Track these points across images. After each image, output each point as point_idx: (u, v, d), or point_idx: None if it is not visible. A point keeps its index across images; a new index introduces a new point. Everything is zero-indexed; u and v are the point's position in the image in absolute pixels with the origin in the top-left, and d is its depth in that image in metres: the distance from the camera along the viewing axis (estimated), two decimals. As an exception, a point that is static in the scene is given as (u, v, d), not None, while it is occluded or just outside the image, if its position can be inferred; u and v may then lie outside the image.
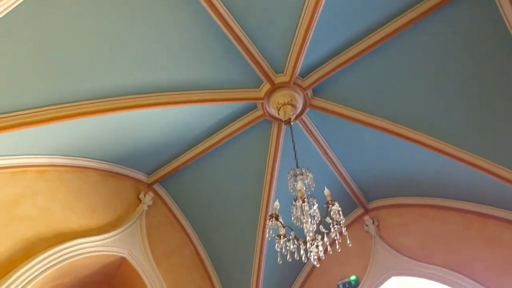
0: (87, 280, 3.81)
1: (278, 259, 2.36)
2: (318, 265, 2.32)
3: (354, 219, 4.95)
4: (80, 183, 3.77)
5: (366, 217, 4.84)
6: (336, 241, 2.35)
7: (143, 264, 3.81)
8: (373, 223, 4.74)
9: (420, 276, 4.07)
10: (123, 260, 3.73)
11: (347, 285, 4.48)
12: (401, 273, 4.19)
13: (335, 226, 2.33)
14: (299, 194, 2.39)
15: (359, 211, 4.96)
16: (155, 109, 3.44)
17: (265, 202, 4.20)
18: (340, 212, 2.35)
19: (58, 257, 3.16)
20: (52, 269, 3.07)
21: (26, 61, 2.71)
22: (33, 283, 2.91)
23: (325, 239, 2.26)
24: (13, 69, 2.68)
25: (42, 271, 3.00)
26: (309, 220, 2.35)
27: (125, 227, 3.83)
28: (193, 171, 4.34)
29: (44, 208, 3.34)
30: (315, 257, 2.27)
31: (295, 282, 4.78)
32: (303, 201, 2.32)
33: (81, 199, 3.69)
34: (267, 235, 2.38)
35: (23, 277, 2.86)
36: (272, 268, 4.43)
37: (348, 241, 2.35)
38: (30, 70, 2.77)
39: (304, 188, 2.56)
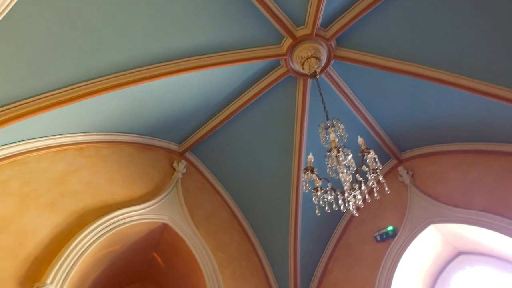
0: (135, 246, 4.08)
1: (317, 211, 2.38)
2: (356, 215, 2.33)
3: (387, 170, 4.88)
4: (117, 157, 3.95)
5: (400, 168, 4.76)
6: (374, 190, 2.33)
7: (184, 228, 4.01)
8: (408, 173, 4.66)
9: (459, 222, 4.00)
10: (165, 226, 3.94)
11: (384, 236, 4.50)
12: (440, 221, 4.14)
13: (372, 174, 2.30)
14: (332, 145, 2.36)
15: (392, 162, 4.88)
16: (179, 76, 3.43)
17: (296, 158, 4.19)
18: (377, 160, 2.31)
19: (107, 226, 3.38)
20: (103, 238, 3.30)
21: (50, 42, 2.74)
22: (88, 250, 3.15)
23: (363, 187, 2.24)
24: (40, 51, 2.73)
25: (94, 240, 3.23)
26: (345, 170, 2.33)
27: (163, 195, 4.01)
28: (222, 136, 4.38)
29: (88, 182, 3.55)
30: (354, 206, 2.27)
31: (332, 236, 4.86)
32: (338, 151, 2.29)
33: (120, 172, 3.87)
34: (303, 189, 2.39)
35: (80, 245, 3.10)
36: (309, 224, 4.52)
37: (386, 188, 2.32)
38: (55, 51, 2.80)
39: (337, 140, 2.52)
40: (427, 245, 4.34)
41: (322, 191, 2.33)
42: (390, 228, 4.50)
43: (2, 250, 2.73)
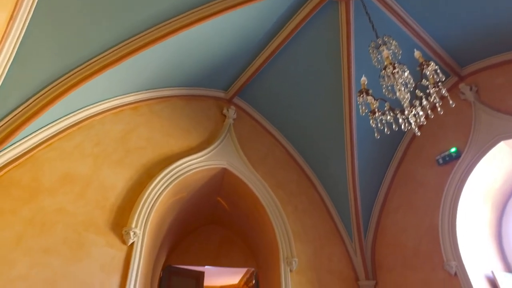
0: (200, 192, 4.39)
1: (375, 134, 2.30)
2: (418, 134, 2.21)
3: (447, 89, 4.49)
4: (169, 111, 4.12)
5: (461, 85, 4.36)
6: (437, 105, 2.17)
7: (242, 170, 4.18)
8: (471, 89, 4.26)
9: (535, 133, 3.66)
10: (225, 171, 4.14)
11: (447, 158, 4.28)
12: (512, 135, 3.81)
13: (434, 88, 2.12)
14: (387, 62, 2.19)
15: (452, 80, 4.47)
16: (214, 20, 3.33)
17: (346, 85, 3.98)
18: (438, 71, 2.11)
19: (171, 176, 3.64)
20: (170, 186, 3.58)
21: (86, 10, 2.77)
22: (160, 198, 3.46)
23: (424, 102, 2.09)
24: (79, 20, 2.79)
25: (163, 189, 3.52)
26: (403, 88, 2.17)
27: (218, 141, 4.17)
28: (267, 77, 4.31)
29: (147, 138, 3.79)
30: (415, 124, 2.15)
31: (390, 164, 4.75)
32: (394, 67, 2.12)
33: (175, 125, 4.06)
34: (360, 112, 2.30)
35: (152, 194, 3.41)
36: (366, 154, 4.44)
37: (451, 102, 2.13)
38: (93, 17, 2.84)
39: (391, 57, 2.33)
40: (496, 164, 4.06)
41: (380, 112, 2.23)
42: (453, 149, 4.26)
43: (92, 203, 3.12)
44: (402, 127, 2.15)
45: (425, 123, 2.14)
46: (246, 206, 4.49)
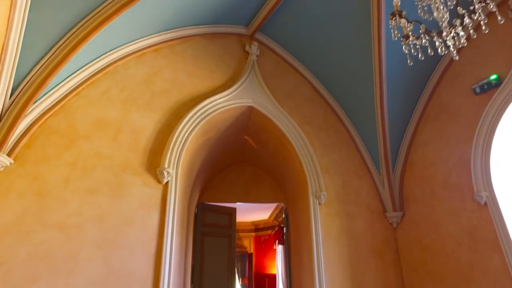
0: (228, 131, 4.46)
1: (408, 61, 2.15)
2: (457, 58, 2.04)
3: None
4: (191, 51, 4.04)
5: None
6: (482, 22, 1.95)
7: (268, 107, 4.16)
8: (521, 5, 3.79)
9: None
10: (251, 109, 4.13)
11: (485, 87, 3.98)
12: None
13: (479, 4, 1.89)
14: (425, -24, 1.95)
15: (499, -3, 3.97)
16: None
17: (375, 6, 3.64)
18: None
19: (198, 116, 3.68)
20: (198, 126, 3.64)
21: None
22: (189, 138, 3.55)
23: (467, 20, 1.88)
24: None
25: (191, 129, 3.60)
26: (441, 6, 1.96)
27: (242, 79, 4.10)
28: (289, 9, 4.02)
29: (172, 79, 3.79)
30: (455, 47, 1.97)
31: (421, 95, 4.52)
32: (432, -18, 1.89)
33: (198, 65, 4.01)
34: (392, 36, 2.12)
35: (181, 135, 3.51)
36: (395, 86, 4.21)
37: (499, 18, 1.91)
38: None
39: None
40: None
41: (414, 36, 2.05)
42: (493, 76, 3.93)
43: (125, 146, 3.27)
44: (439, 51, 1.97)
45: (465, 44, 1.95)
46: (274, 143, 4.55)
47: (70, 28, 2.82)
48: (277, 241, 11.04)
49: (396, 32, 2.03)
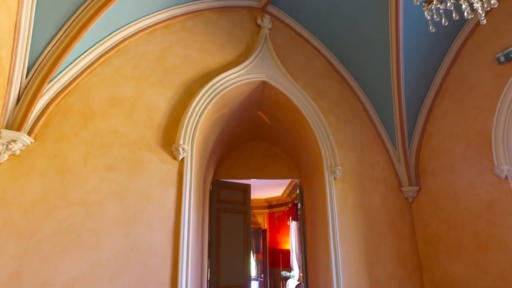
0: (242, 107, 4.42)
1: (430, 28, 2.05)
2: (484, 22, 1.92)
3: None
4: (202, 26, 3.96)
5: (539, -37, 3.63)
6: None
7: (282, 82, 4.08)
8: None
9: None
10: (264, 84, 4.06)
11: (511, 55, 3.80)
12: None
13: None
14: None
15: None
16: None
17: None
18: None
19: (211, 92, 3.65)
20: (211, 103, 3.62)
21: None
22: (203, 115, 3.54)
23: (496, -20, 1.76)
24: None
25: (205, 106, 3.57)
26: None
27: (255, 54, 4.02)
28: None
29: (183, 56, 3.74)
30: (483, 9, 1.85)
31: (440, 67, 4.34)
32: None
33: (209, 40, 3.93)
34: (414, 0, 2.01)
35: (195, 111, 3.50)
36: (412, 58, 4.03)
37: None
38: None
39: None
40: None
41: (437, 1, 1.93)
42: (519, 44, 3.75)
43: (141, 123, 3.30)
44: (465, 14, 1.87)
45: (496, 5, 1.83)
46: (288, 118, 4.50)
47: (80, 5, 2.79)
48: (290, 217, 11.18)
49: (418, -5, 1.92)
